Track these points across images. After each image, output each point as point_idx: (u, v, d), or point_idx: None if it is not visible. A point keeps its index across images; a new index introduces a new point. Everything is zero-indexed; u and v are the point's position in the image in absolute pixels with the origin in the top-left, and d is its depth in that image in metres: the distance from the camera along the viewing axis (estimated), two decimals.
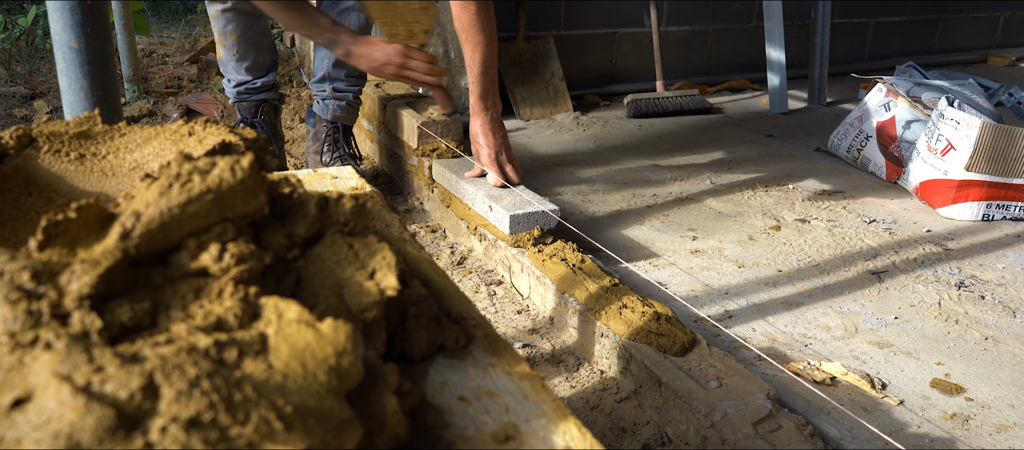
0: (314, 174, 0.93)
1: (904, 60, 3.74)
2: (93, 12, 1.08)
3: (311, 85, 2.34)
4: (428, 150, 2.14)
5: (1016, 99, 2.50)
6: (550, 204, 1.74)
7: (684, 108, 3.07)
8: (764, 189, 2.22)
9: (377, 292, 0.52)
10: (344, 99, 2.28)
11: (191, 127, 0.66)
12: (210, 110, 3.06)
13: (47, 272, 0.44)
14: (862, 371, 1.33)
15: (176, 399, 0.37)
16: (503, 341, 0.58)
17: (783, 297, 1.59)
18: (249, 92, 2.24)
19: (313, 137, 2.35)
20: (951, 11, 4.25)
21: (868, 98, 2.44)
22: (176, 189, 0.47)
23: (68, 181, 0.66)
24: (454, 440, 0.47)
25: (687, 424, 1.18)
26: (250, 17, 2.15)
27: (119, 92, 1.39)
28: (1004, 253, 1.84)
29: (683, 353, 1.29)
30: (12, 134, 0.67)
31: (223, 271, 0.47)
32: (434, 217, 2.12)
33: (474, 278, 1.77)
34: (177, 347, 0.40)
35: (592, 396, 1.34)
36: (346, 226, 0.57)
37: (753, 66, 3.61)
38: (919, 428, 1.19)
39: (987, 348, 1.42)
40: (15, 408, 0.37)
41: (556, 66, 3.07)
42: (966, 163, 1.99)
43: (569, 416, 0.49)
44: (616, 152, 2.56)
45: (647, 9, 3.30)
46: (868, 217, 2.04)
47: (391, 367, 0.47)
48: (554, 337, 1.52)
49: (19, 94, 3.24)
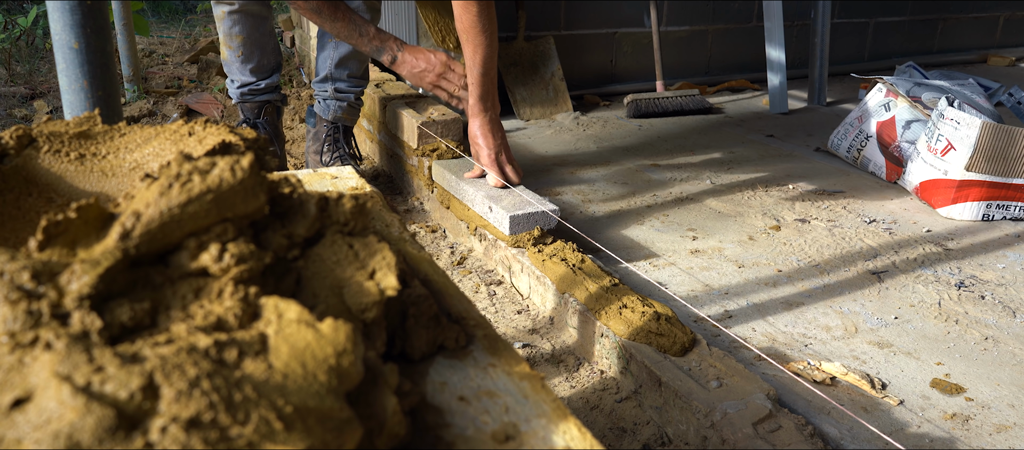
0: (314, 174, 0.92)
1: (904, 60, 3.74)
2: (93, 12, 1.08)
3: (313, 85, 2.34)
4: (428, 150, 2.14)
5: (1016, 99, 2.50)
6: (550, 204, 1.74)
7: (684, 108, 3.07)
8: (764, 189, 2.22)
9: (377, 292, 0.52)
10: (346, 100, 2.28)
11: (191, 127, 0.66)
12: (210, 110, 3.06)
13: (47, 272, 0.44)
14: (862, 371, 1.33)
15: (176, 399, 0.37)
16: (503, 341, 0.58)
17: (783, 297, 1.59)
18: (253, 93, 2.25)
19: (313, 137, 2.35)
20: (951, 11, 4.25)
21: (868, 98, 2.44)
22: (176, 189, 0.47)
23: (68, 181, 0.66)
24: (454, 440, 0.47)
25: (687, 424, 1.18)
26: (256, 19, 2.16)
27: (119, 92, 1.39)
28: (1004, 253, 1.84)
29: (683, 353, 1.29)
30: (12, 134, 0.67)
31: (223, 271, 0.47)
32: (434, 217, 2.12)
33: (474, 278, 1.77)
34: (177, 347, 0.40)
35: (592, 396, 1.34)
36: (346, 226, 0.57)
37: (753, 66, 3.61)
38: (919, 428, 1.19)
39: (987, 348, 1.42)
40: (15, 408, 0.37)
41: (556, 66, 3.07)
42: (966, 163, 1.99)
43: (569, 416, 0.49)
44: (616, 152, 2.56)
45: (647, 9, 3.30)
46: (868, 217, 2.04)
47: (391, 367, 0.47)
48: (554, 337, 1.52)
49: (19, 94, 3.24)
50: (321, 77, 2.28)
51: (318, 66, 2.29)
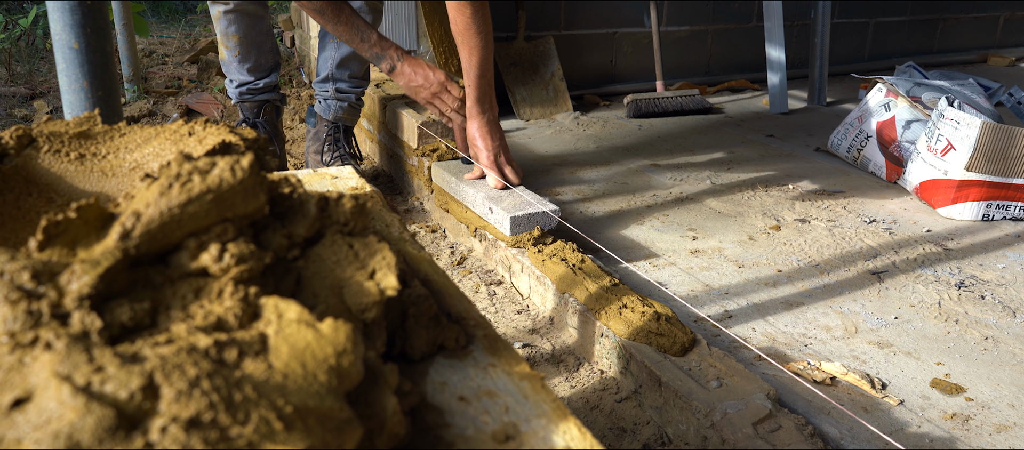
0: (314, 174, 0.92)
1: (904, 60, 3.74)
2: (93, 12, 1.08)
3: (314, 85, 2.34)
4: (428, 150, 2.14)
5: (1016, 99, 2.50)
6: (550, 205, 1.74)
7: (684, 108, 3.07)
8: (764, 189, 2.22)
9: (377, 292, 0.52)
10: (347, 100, 2.28)
11: (191, 127, 0.66)
12: (210, 110, 3.06)
13: (47, 272, 0.44)
14: (862, 371, 1.33)
15: (176, 399, 0.37)
16: (503, 341, 0.58)
17: (783, 297, 1.59)
18: (251, 93, 2.25)
19: (313, 137, 2.35)
20: (951, 11, 4.25)
21: (868, 98, 2.44)
22: (176, 189, 0.47)
23: (68, 181, 0.66)
24: (454, 440, 0.47)
25: (687, 424, 1.18)
26: (252, 18, 2.15)
27: (119, 92, 1.39)
28: (1004, 253, 1.84)
29: (683, 353, 1.29)
30: (12, 134, 0.67)
31: (223, 271, 0.47)
32: (434, 217, 2.12)
33: (474, 278, 1.77)
34: (177, 347, 0.40)
35: (592, 396, 1.34)
36: (346, 226, 0.57)
37: (753, 66, 3.61)
38: (919, 428, 1.19)
39: (987, 348, 1.42)
40: (15, 408, 0.37)
41: (556, 66, 3.07)
42: (966, 163, 1.99)
43: (569, 416, 0.49)
44: (616, 152, 2.56)
45: (647, 9, 3.30)
46: (868, 217, 2.04)
47: (391, 367, 0.47)
48: (554, 337, 1.52)
49: (19, 94, 3.24)
50: (322, 77, 2.27)
51: (319, 66, 2.29)
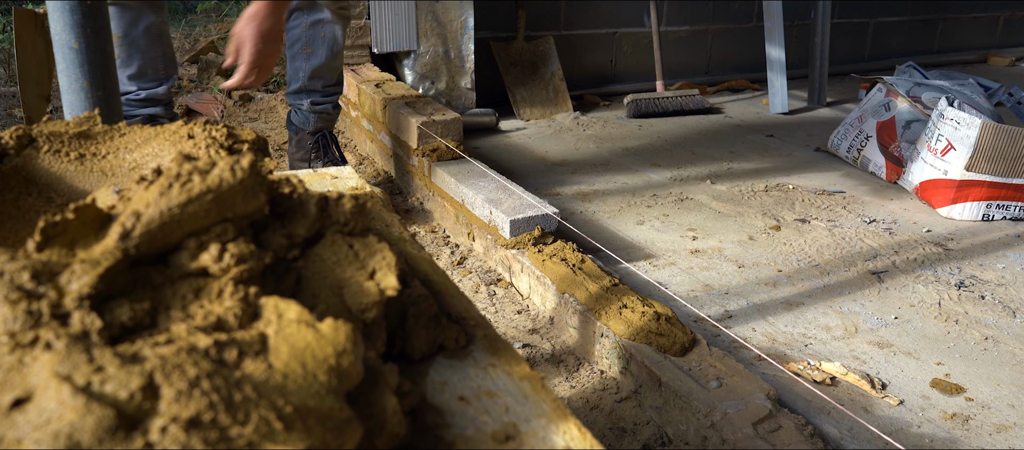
0: (314, 174, 0.93)
1: (904, 60, 3.74)
2: (93, 12, 1.08)
3: (286, 95, 2.22)
4: (428, 150, 2.14)
5: (1016, 99, 2.50)
6: (550, 207, 1.74)
7: (684, 108, 3.07)
8: (764, 189, 2.22)
9: (377, 292, 0.52)
10: (323, 109, 2.19)
11: (191, 128, 0.66)
12: (210, 110, 3.06)
13: (47, 272, 0.44)
14: (862, 371, 1.33)
15: (176, 399, 0.37)
16: (503, 341, 0.58)
17: (783, 297, 1.59)
18: (130, 104, 1.93)
19: (297, 144, 2.25)
20: (951, 11, 4.25)
21: (868, 98, 2.44)
22: (176, 189, 0.47)
23: (68, 181, 0.66)
24: (454, 440, 0.47)
25: (687, 424, 1.18)
26: (133, 14, 1.86)
27: (119, 92, 1.39)
28: (1004, 253, 1.84)
29: (683, 353, 1.29)
30: (12, 134, 0.67)
31: (223, 271, 0.47)
32: (434, 217, 2.12)
33: (474, 278, 1.77)
34: (177, 347, 0.40)
35: (592, 396, 1.34)
36: (346, 226, 0.57)
37: (753, 66, 3.61)
38: (919, 428, 1.19)
39: (987, 348, 1.42)
40: (15, 408, 0.37)
41: (556, 66, 3.07)
42: (966, 163, 1.99)
43: (569, 416, 0.49)
44: (616, 152, 2.56)
45: (647, 9, 3.30)
46: (868, 217, 2.04)
47: (391, 367, 0.47)
48: (554, 337, 1.52)
49: (19, 94, 3.24)
50: (294, 89, 2.17)
51: (289, 76, 2.16)
